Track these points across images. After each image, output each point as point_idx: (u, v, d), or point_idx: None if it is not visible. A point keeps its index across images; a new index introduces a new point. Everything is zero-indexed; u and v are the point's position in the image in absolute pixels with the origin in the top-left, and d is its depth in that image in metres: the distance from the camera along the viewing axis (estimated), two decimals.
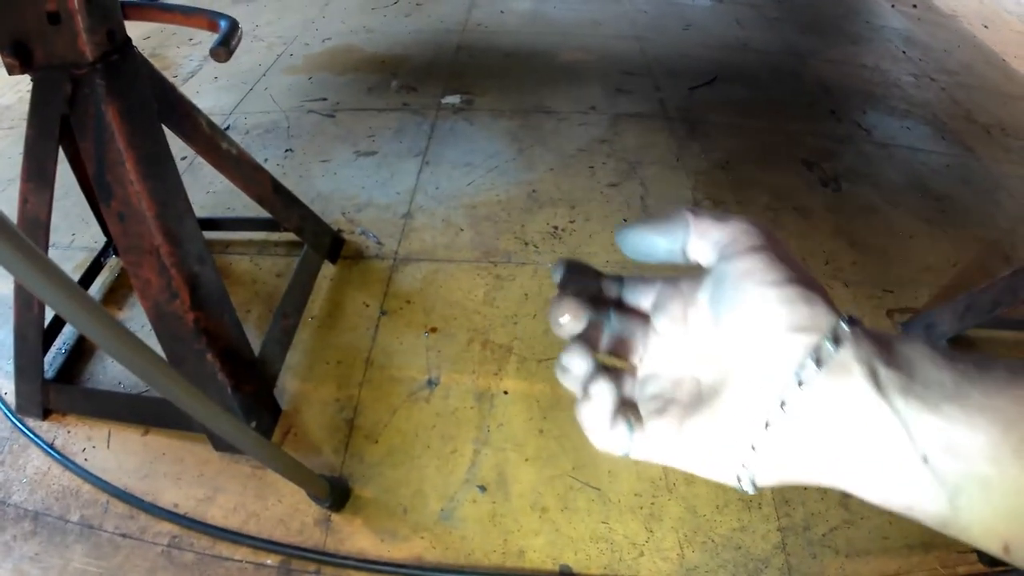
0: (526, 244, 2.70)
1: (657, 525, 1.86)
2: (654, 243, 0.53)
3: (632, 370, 0.57)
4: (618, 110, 3.63)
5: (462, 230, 2.77)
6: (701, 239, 0.51)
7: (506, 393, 2.15)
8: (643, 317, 0.57)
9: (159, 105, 1.83)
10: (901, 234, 2.94)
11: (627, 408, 0.52)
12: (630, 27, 4.67)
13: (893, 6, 5.61)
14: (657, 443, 0.51)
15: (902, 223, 3.01)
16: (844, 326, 0.43)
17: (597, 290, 0.59)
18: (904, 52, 4.76)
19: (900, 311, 2.54)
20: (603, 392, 0.49)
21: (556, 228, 2.78)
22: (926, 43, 4.94)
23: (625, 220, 2.73)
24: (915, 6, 5.65)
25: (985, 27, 5.39)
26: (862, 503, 0.44)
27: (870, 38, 4.99)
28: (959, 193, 3.26)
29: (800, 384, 0.43)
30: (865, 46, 4.83)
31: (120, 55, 1.68)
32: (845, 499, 1.89)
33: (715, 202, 3.00)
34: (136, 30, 1.72)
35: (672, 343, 0.54)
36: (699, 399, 0.50)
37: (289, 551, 1.77)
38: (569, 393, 0.53)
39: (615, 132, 3.42)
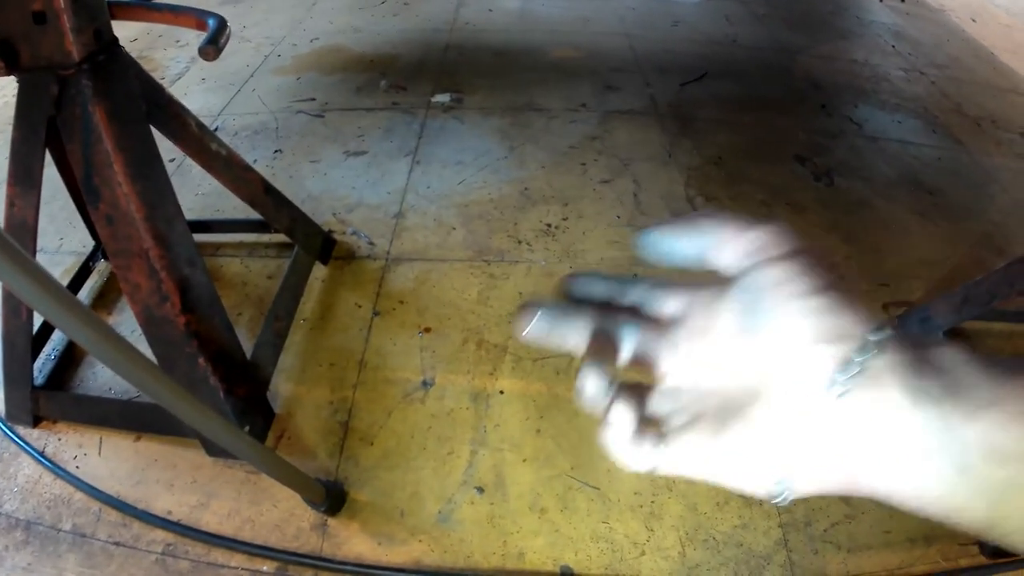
0: (519, 242, 2.69)
1: (658, 524, 1.85)
2: (677, 247, 0.51)
3: (653, 382, 0.54)
4: (608, 107, 3.63)
5: (454, 229, 2.75)
6: (726, 246, 0.49)
7: (502, 393, 2.14)
8: (661, 325, 0.55)
9: (147, 106, 1.81)
10: (894, 228, 2.94)
11: (650, 424, 0.50)
12: (619, 24, 4.67)
13: (881, 1, 5.61)
14: (686, 458, 0.49)
15: (895, 217, 3.01)
16: (875, 336, 0.42)
17: (606, 295, 0.56)
18: (893, 46, 4.76)
19: (896, 304, 2.53)
20: (621, 416, 0.48)
21: (549, 226, 2.77)
22: (915, 37, 4.94)
23: (619, 217, 2.75)
24: (903, 0, 5.65)
25: (973, 21, 5.41)
26: (863, 497, 0.43)
27: (859, 33, 4.99)
28: (951, 186, 3.26)
29: (836, 396, 0.42)
30: (855, 41, 4.84)
31: (107, 55, 1.66)
32: None
33: (708, 198, 2.99)
34: (122, 32, 1.70)
35: (694, 354, 0.52)
36: (728, 411, 0.48)
37: (285, 557, 1.76)
38: (566, 393, 0.52)
39: (606, 129, 3.41)
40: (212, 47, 1.82)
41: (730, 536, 1.83)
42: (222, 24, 1.91)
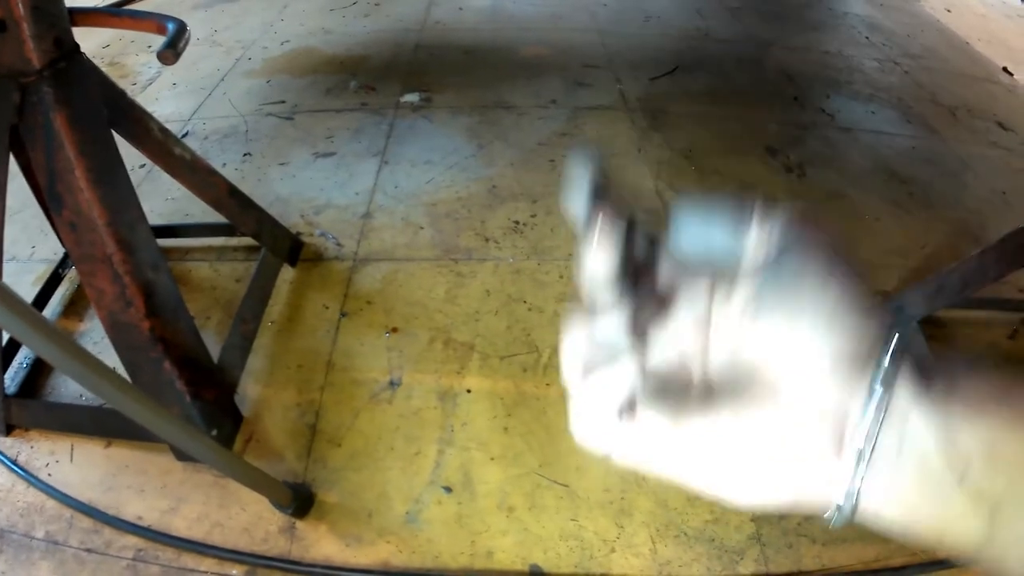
0: (487, 240, 2.69)
1: (628, 520, 1.85)
2: (715, 238, 0.44)
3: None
4: (578, 103, 3.63)
5: (422, 228, 2.76)
6: (760, 234, 0.43)
7: (469, 392, 2.14)
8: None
9: (109, 111, 1.81)
10: (868, 218, 2.96)
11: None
12: (590, 20, 4.67)
13: None
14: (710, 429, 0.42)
15: (869, 207, 3.02)
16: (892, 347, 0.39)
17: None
18: (867, 38, 4.78)
19: None
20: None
21: (517, 223, 2.77)
22: (889, 28, 4.96)
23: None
24: None
25: (948, 11, 5.43)
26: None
27: (833, 25, 5.01)
28: (926, 175, 3.28)
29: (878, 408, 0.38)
30: (828, 33, 4.85)
31: (68, 62, 1.67)
32: None
33: (678, 192, 2.99)
34: (95, 38, 1.71)
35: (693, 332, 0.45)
36: (751, 392, 0.42)
37: (254, 560, 1.76)
38: (534, 390, 0.47)
39: (575, 125, 3.41)
40: (171, 51, 1.82)
41: (702, 531, 1.83)
42: (181, 28, 1.91)
